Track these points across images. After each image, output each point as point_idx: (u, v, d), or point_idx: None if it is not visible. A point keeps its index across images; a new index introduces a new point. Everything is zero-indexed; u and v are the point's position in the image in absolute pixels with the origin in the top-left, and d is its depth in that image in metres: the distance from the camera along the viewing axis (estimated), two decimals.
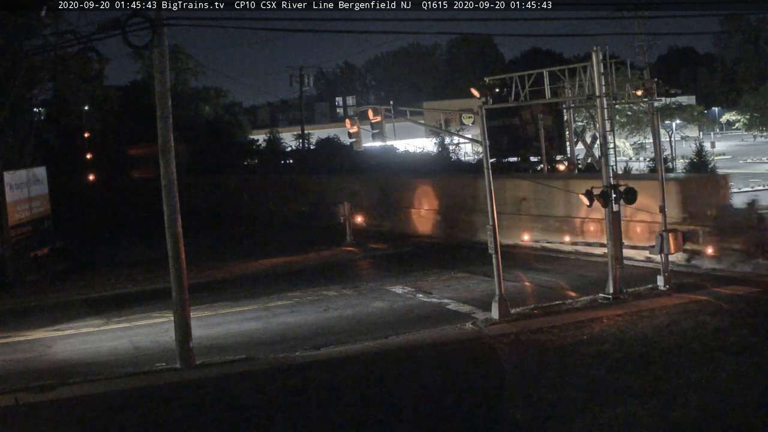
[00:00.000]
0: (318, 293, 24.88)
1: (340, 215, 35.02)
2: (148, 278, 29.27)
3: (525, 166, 38.67)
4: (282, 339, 19.65)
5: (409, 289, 24.61)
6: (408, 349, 17.97)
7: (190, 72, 67.40)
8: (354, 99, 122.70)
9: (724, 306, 19.54)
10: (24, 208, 31.28)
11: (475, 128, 66.10)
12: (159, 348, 19.36)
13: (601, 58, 21.73)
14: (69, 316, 23.64)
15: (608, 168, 21.67)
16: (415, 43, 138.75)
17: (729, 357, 15.55)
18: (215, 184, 56.79)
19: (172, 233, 17.54)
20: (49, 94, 45.77)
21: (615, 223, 21.41)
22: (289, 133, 68.99)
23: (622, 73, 33.59)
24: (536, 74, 23.38)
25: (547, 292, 22.83)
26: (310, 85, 63.10)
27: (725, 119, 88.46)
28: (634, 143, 57.10)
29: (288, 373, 16.60)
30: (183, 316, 17.60)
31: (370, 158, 47.02)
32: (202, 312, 22.46)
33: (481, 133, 20.93)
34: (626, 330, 18.09)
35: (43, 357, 19.48)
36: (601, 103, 21.90)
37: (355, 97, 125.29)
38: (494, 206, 20.31)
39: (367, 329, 20.00)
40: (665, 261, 21.77)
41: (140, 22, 16.63)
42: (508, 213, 29.84)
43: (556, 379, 15.08)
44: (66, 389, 16.23)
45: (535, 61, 76.99)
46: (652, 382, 14.52)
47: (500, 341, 18.01)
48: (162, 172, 17.52)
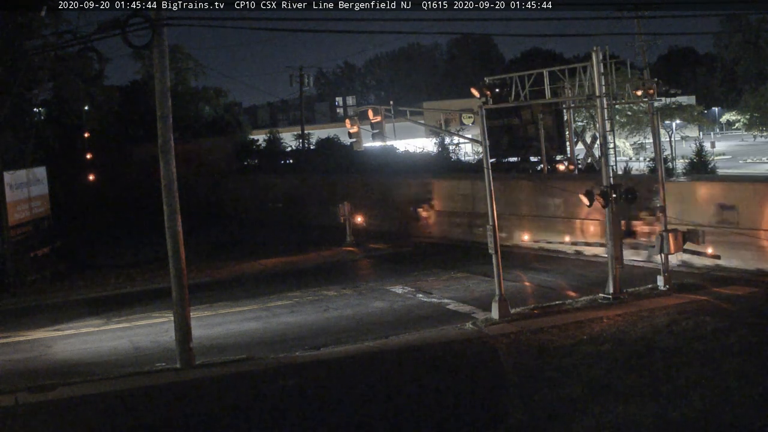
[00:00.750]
0: (318, 293, 24.89)
1: (340, 215, 35.03)
2: (148, 278, 29.28)
3: (525, 166, 38.66)
4: (282, 339, 19.65)
5: (409, 289, 24.61)
6: (408, 349, 17.98)
7: (190, 72, 67.31)
8: (354, 99, 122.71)
9: (724, 306, 19.55)
10: (24, 208, 31.29)
11: (475, 128, 66.09)
12: (159, 348, 19.36)
13: (601, 58, 21.74)
14: (69, 316, 23.64)
15: (608, 168, 21.68)
16: (415, 43, 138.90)
17: (729, 357, 15.55)
18: (215, 183, 56.73)
19: (172, 233, 17.55)
20: (49, 94, 45.79)
21: (615, 223, 21.41)
22: (289, 133, 68.90)
23: (622, 73, 33.59)
24: (536, 74, 23.39)
25: (547, 292, 22.84)
26: (310, 85, 63.02)
27: (725, 119, 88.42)
28: (634, 143, 57.07)
29: (288, 373, 16.60)
30: (183, 316, 17.61)
31: (370, 158, 46.99)
32: (202, 312, 22.47)
33: (481, 133, 20.94)
34: (626, 330, 18.09)
35: (43, 357, 19.49)
36: (601, 103, 21.91)
37: (355, 97, 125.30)
38: (494, 206, 20.32)
39: (367, 329, 20.00)
40: (665, 261, 21.77)
41: (140, 22, 16.64)
42: (508, 213, 29.85)
43: (556, 379, 15.08)
44: (66, 389, 16.23)
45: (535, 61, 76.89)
46: (652, 382, 14.51)
47: (500, 341, 18.01)
48: (162, 172, 17.53)
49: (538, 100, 25.32)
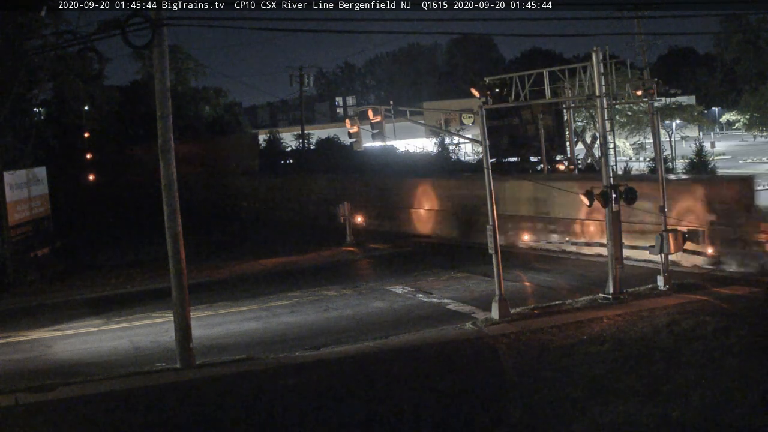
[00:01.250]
0: (318, 293, 24.88)
1: (340, 215, 35.03)
2: (148, 278, 29.28)
3: (525, 166, 38.66)
4: (282, 339, 19.65)
5: (409, 289, 24.61)
6: (408, 349, 17.97)
7: (190, 72, 67.38)
8: (354, 99, 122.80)
9: (724, 306, 19.53)
10: (24, 208, 31.30)
11: (475, 128, 66.07)
12: (159, 348, 19.36)
13: (601, 58, 21.72)
14: (69, 316, 23.64)
15: (608, 168, 21.67)
16: (415, 43, 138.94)
17: (729, 357, 15.56)
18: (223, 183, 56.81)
19: (172, 233, 17.54)
20: (49, 94, 45.87)
21: (615, 223, 21.42)
22: (289, 133, 68.93)
23: (622, 73, 33.60)
24: (536, 74, 23.39)
25: (547, 292, 22.83)
26: (310, 85, 63.03)
27: (725, 119, 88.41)
28: (634, 143, 57.08)
29: (288, 373, 16.59)
30: (183, 316, 17.60)
31: (370, 158, 47.00)
32: (202, 312, 22.46)
33: (481, 133, 20.93)
34: (626, 330, 18.08)
35: (43, 357, 19.48)
36: (601, 103, 21.90)
37: (355, 97, 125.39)
38: (494, 206, 20.32)
39: (367, 329, 20.00)
40: (665, 261, 21.78)
41: (140, 22, 16.62)
42: (508, 213, 29.85)
43: (556, 379, 15.09)
44: (66, 389, 16.22)
45: (535, 61, 76.96)
46: (652, 382, 14.52)
47: (500, 341, 18.00)
48: (162, 172, 17.52)
49: (538, 100, 25.31)
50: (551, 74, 23.62)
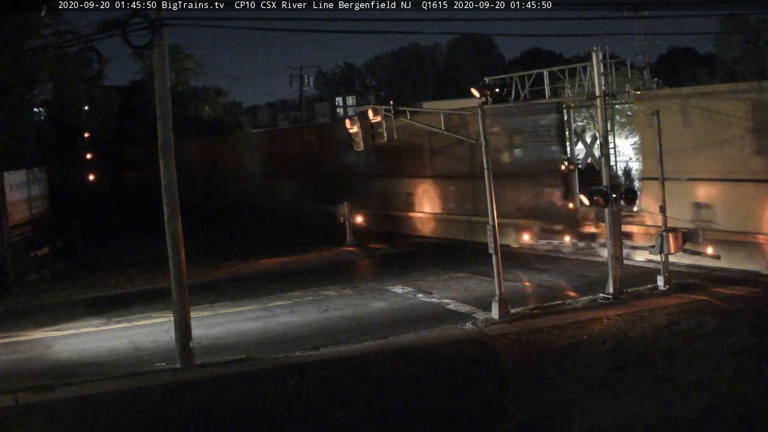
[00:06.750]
0: (318, 293, 24.88)
1: (340, 215, 35.02)
2: (148, 278, 29.25)
3: None
4: (282, 339, 19.64)
5: (409, 289, 24.61)
6: (408, 349, 17.97)
7: (190, 72, 67.34)
8: (354, 99, 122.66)
9: (724, 306, 19.54)
10: (24, 208, 31.26)
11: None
12: (159, 348, 19.36)
13: (601, 58, 21.73)
14: (69, 316, 23.63)
15: (608, 168, 21.68)
16: (415, 43, 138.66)
17: (729, 357, 15.56)
18: None
19: (172, 233, 17.54)
20: (49, 94, 45.77)
21: (615, 223, 21.42)
22: None
23: (622, 73, 33.56)
24: (536, 74, 23.41)
25: (547, 292, 22.84)
26: (310, 85, 63.16)
27: None
28: (634, 143, 57.01)
29: (288, 373, 16.59)
30: (183, 316, 17.60)
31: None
32: (202, 312, 22.45)
33: (481, 133, 20.92)
34: (626, 330, 18.08)
35: (43, 357, 19.48)
36: (601, 103, 21.90)
37: (355, 97, 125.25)
38: (494, 206, 20.31)
39: (367, 329, 20.00)
40: (665, 261, 21.77)
41: (140, 22, 16.62)
42: (508, 213, 29.83)
43: (556, 379, 15.09)
44: (66, 389, 16.22)
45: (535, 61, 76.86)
46: (652, 382, 14.53)
47: (500, 341, 18.00)
48: (162, 171, 17.51)
49: (538, 100, 25.30)
50: (551, 74, 23.63)
